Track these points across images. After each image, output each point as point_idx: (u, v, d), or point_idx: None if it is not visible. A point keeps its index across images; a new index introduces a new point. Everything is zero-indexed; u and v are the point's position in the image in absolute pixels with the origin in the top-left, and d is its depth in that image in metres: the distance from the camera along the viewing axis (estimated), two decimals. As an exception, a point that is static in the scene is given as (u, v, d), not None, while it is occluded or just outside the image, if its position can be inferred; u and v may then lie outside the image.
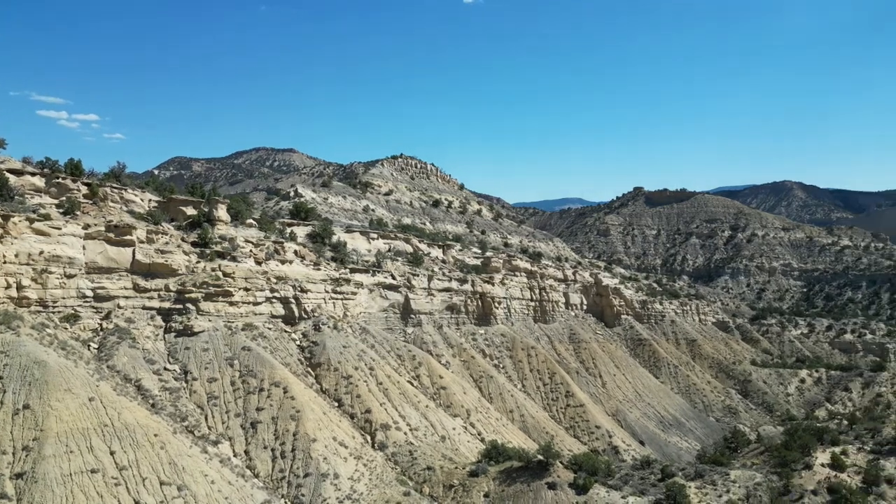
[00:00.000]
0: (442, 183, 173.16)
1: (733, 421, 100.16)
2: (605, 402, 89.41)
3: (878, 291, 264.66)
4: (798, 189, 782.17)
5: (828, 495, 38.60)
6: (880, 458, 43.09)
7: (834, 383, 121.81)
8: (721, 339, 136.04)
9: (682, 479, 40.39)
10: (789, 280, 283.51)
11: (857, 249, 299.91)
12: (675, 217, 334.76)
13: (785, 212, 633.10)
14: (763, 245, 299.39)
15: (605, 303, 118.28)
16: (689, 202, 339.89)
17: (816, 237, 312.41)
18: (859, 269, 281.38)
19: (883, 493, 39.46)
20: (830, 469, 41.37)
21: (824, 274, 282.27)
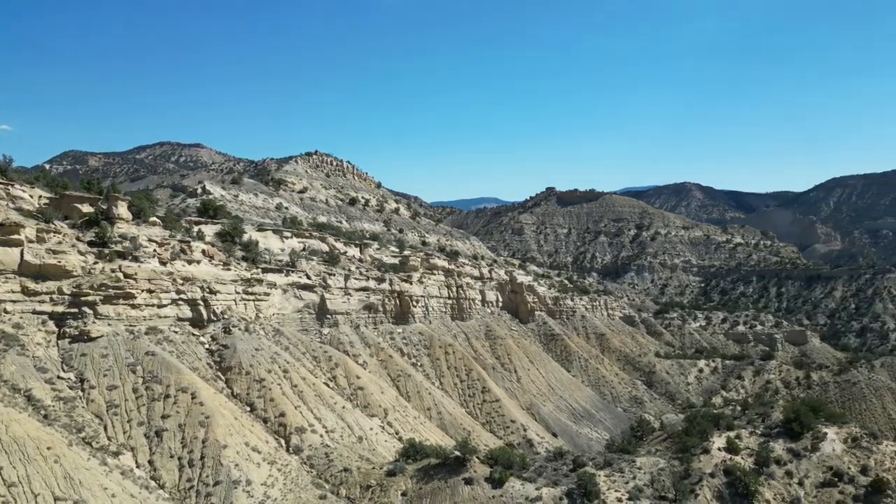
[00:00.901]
0: (358, 181, 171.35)
1: (639, 410, 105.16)
2: (520, 397, 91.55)
3: (766, 286, 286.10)
4: (697, 190, 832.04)
5: (724, 477, 41.23)
6: (770, 440, 46.49)
7: (728, 372, 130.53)
8: (628, 333, 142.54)
9: (592, 469, 41.92)
10: (689, 276, 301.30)
11: (749, 247, 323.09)
12: (585, 216, 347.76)
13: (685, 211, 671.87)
14: (666, 243, 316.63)
15: (519, 300, 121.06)
16: (598, 202, 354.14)
17: (713, 235, 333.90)
18: (750, 265, 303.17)
19: (773, 473, 42.62)
20: (726, 452, 44.19)
21: (720, 270, 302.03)
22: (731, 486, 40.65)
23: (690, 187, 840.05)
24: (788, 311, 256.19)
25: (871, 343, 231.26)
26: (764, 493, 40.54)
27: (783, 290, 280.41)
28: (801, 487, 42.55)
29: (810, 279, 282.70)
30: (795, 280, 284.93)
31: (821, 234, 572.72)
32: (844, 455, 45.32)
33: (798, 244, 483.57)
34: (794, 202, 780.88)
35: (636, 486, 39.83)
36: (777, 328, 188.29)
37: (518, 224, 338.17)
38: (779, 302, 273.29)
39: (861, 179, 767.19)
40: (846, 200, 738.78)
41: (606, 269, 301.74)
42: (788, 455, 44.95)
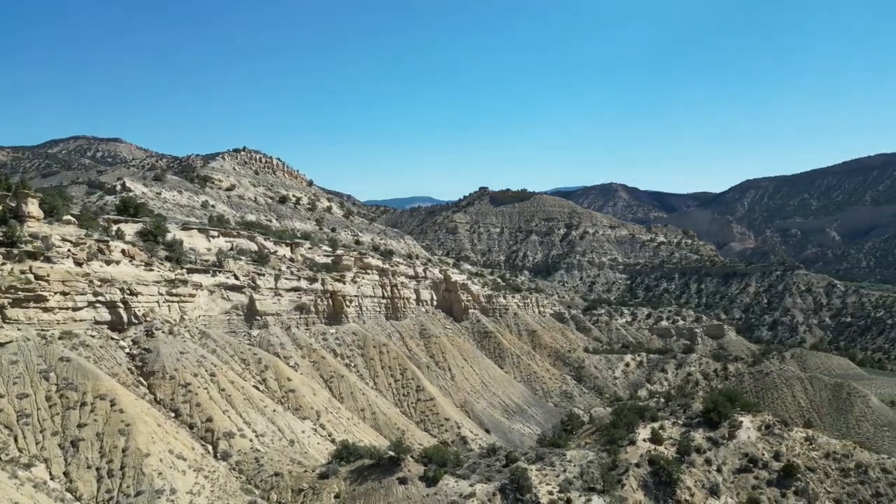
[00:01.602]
0: (289, 178, 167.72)
1: (569, 405, 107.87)
2: (455, 394, 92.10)
3: (687, 282, 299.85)
4: (623, 191, 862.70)
5: (649, 466, 42.86)
6: (691, 429, 48.68)
7: (653, 365, 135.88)
8: (558, 330, 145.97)
9: (524, 463, 42.65)
10: (616, 273, 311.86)
11: (671, 245, 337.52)
12: (517, 216, 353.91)
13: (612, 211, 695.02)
14: (594, 242, 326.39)
15: (453, 298, 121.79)
16: (530, 202, 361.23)
17: (638, 235, 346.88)
18: (672, 262, 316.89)
19: (693, 461, 44.64)
20: (651, 443, 45.96)
21: (644, 268, 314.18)
22: (655, 475, 42.31)
23: (617, 188, 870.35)
24: (707, 307, 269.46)
25: (781, 335, 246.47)
26: (685, 481, 42.41)
27: (703, 287, 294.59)
28: (720, 474, 44.80)
29: (727, 276, 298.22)
30: (714, 277, 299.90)
31: (736, 233, 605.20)
32: (759, 442, 48.02)
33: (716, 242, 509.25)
34: (713, 203, 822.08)
35: (566, 478, 40.82)
36: (697, 323, 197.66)
37: (452, 223, 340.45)
38: (699, 298, 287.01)
39: (772, 181, 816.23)
40: (759, 201, 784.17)
41: (538, 268, 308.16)
42: (708, 443, 47.22)
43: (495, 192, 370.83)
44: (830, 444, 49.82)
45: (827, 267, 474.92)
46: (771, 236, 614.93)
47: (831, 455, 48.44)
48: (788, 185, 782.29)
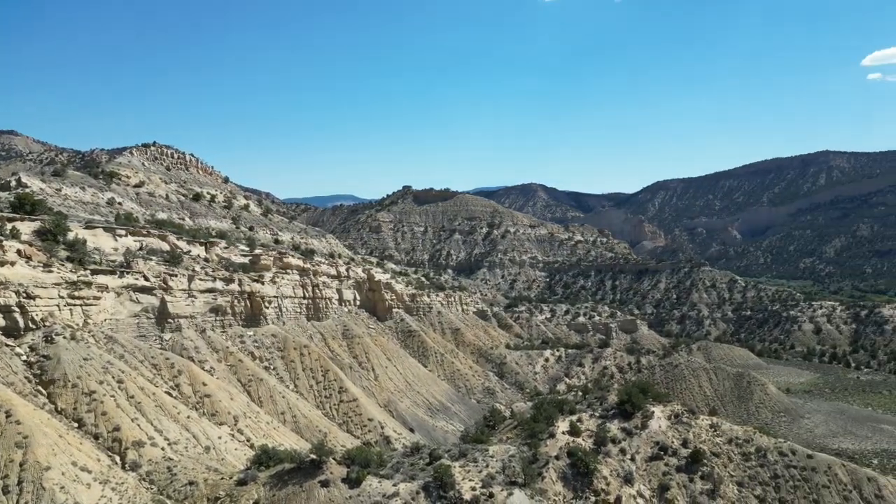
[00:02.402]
0: (203, 175, 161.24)
1: (492, 401, 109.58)
2: (378, 395, 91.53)
3: (603, 279, 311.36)
4: (542, 191, 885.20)
5: (567, 458, 44.14)
6: (607, 421, 50.53)
7: (571, 360, 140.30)
8: (481, 327, 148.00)
9: (448, 461, 42.89)
10: (536, 271, 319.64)
11: (588, 244, 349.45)
12: (441, 215, 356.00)
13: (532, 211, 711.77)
14: (515, 241, 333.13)
15: (377, 297, 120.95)
16: (453, 201, 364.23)
17: (556, 234, 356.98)
18: (589, 260, 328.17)
19: (609, 451, 46.36)
20: (570, 435, 47.35)
21: (563, 265, 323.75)
22: (573, 466, 43.62)
23: (536, 188, 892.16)
24: (622, 303, 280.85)
25: (689, 329, 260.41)
26: (602, 471, 43.98)
27: (617, 283, 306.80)
28: (633, 462, 46.76)
29: (640, 273, 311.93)
30: (627, 274, 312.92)
31: (648, 232, 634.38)
32: (669, 430, 50.48)
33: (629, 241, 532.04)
34: (626, 203, 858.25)
35: (489, 473, 41.38)
36: (612, 318, 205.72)
37: (376, 222, 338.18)
38: (613, 294, 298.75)
39: (680, 183, 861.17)
40: (669, 202, 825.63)
41: (461, 266, 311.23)
42: (622, 434, 49.17)
43: (419, 191, 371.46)
44: (733, 431, 53.06)
45: (729, 264, 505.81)
46: (679, 235, 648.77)
47: (734, 440, 51.59)
48: (695, 187, 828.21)
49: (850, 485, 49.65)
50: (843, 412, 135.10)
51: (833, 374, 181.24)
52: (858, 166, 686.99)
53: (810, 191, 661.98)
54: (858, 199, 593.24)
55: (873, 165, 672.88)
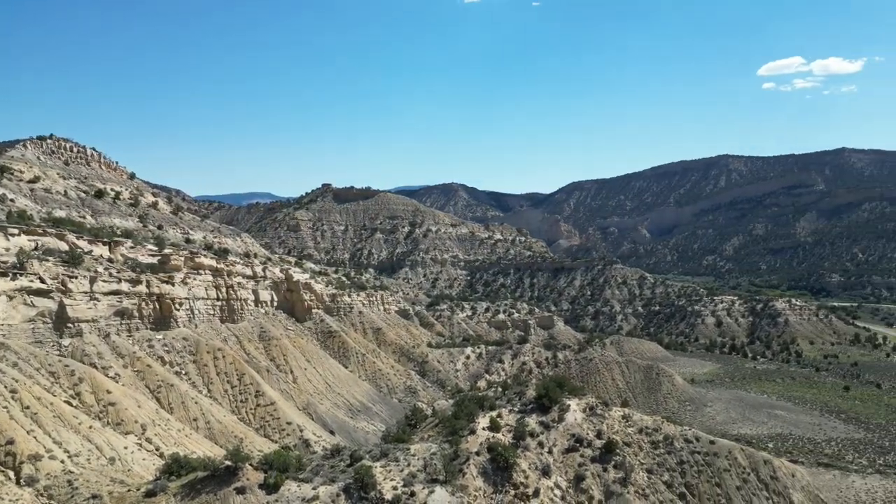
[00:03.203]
0: (107, 171, 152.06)
1: (413, 400, 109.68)
2: (297, 397, 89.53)
3: (522, 277, 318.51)
4: (462, 191, 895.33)
5: (488, 454, 44.76)
6: (525, 415, 51.63)
7: (491, 357, 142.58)
8: (403, 326, 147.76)
9: (369, 461, 42.50)
10: (457, 270, 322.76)
11: (507, 243, 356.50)
12: (362, 213, 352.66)
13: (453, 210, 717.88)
14: (436, 240, 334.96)
15: (296, 298, 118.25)
16: (374, 200, 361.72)
17: (477, 233, 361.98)
18: (508, 259, 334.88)
19: (528, 445, 47.38)
20: (490, 431, 48.04)
21: (483, 264, 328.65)
22: (493, 461, 44.29)
23: (457, 188, 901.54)
24: (539, 300, 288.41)
25: (603, 324, 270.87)
26: (521, 464, 44.91)
27: (535, 281, 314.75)
28: (551, 455, 48.04)
29: (556, 271, 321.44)
30: (545, 272, 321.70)
31: (564, 231, 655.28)
32: (584, 423, 52.22)
33: (546, 240, 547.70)
34: (543, 203, 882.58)
35: (410, 472, 41.34)
36: (531, 315, 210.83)
37: (294, 221, 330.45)
38: (532, 291, 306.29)
39: (594, 184, 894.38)
40: (583, 202, 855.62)
41: (383, 265, 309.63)
42: (540, 427, 50.40)
43: (339, 190, 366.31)
44: (643, 421, 55.56)
45: (639, 261, 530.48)
46: (593, 234, 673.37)
47: (644, 430, 54.04)
48: (608, 188, 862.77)
49: (749, 468, 53.14)
50: (742, 400, 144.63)
51: (732, 364, 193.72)
52: (754, 169, 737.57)
53: (712, 192, 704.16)
54: (754, 201, 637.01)
55: (767, 169, 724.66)
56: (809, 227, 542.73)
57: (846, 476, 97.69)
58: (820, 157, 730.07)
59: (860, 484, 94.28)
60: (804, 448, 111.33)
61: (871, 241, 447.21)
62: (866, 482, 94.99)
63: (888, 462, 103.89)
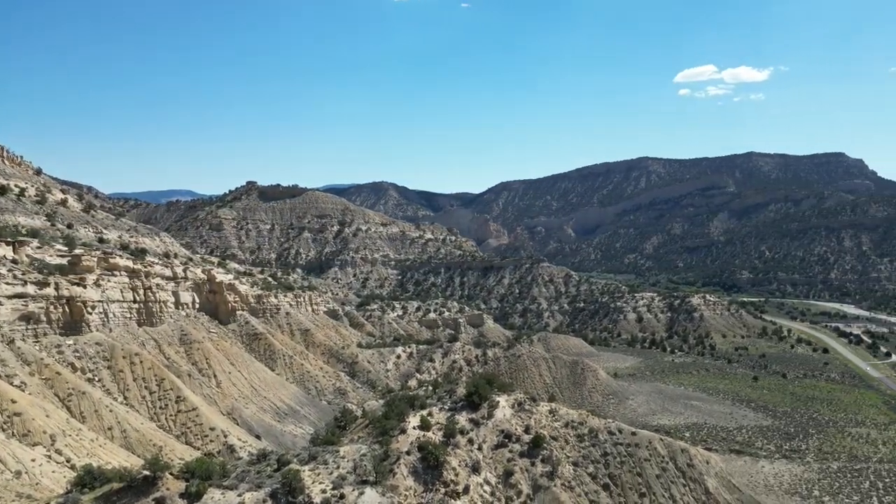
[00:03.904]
0: (10, 166, 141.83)
1: (343, 401, 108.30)
2: (221, 402, 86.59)
3: (452, 276, 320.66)
4: (393, 190, 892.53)
5: (418, 453, 44.73)
6: (455, 413, 51.96)
7: (422, 356, 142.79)
8: (332, 327, 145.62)
9: (297, 465, 41.59)
10: (388, 269, 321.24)
11: (438, 242, 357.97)
12: (289, 212, 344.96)
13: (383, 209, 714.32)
14: (366, 239, 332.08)
15: (219, 300, 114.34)
16: (302, 198, 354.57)
17: (408, 232, 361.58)
18: (439, 258, 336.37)
19: (458, 443, 47.69)
20: (420, 430, 48.03)
21: (414, 263, 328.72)
22: (424, 460, 44.30)
23: (387, 187, 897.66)
24: (469, 298, 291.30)
25: (530, 321, 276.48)
26: (451, 462, 45.15)
27: (465, 280, 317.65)
28: (481, 451, 48.56)
29: (486, 269, 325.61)
30: (475, 270, 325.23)
31: (493, 231, 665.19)
32: (513, 418, 53.09)
33: (476, 239, 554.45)
34: (473, 202, 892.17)
35: (340, 474, 40.75)
36: (461, 313, 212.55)
37: (217, 219, 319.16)
38: (462, 290, 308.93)
39: (522, 184, 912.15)
40: (511, 202, 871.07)
41: (311, 265, 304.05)
42: (470, 424, 50.86)
43: (265, 187, 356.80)
44: (569, 415, 57.09)
45: (565, 260, 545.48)
46: (521, 233, 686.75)
47: (570, 424, 55.53)
48: (535, 188, 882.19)
49: (667, 457, 55.57)
50: (661, 392, 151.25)
51: (653, 358, 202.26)
52: (672, 171, 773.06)
53: (633, 193, 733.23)
54: (672, 201, 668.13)
55: (684, 171, 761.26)
56: (722, 227, 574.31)
57: (756, 461, 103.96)
58: (731, 161, 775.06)
59: (768, 468, 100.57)
60: (718, 436, 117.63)
61: (777, 240, 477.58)
62: (774, 466, 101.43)
63: (793, 447, 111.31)
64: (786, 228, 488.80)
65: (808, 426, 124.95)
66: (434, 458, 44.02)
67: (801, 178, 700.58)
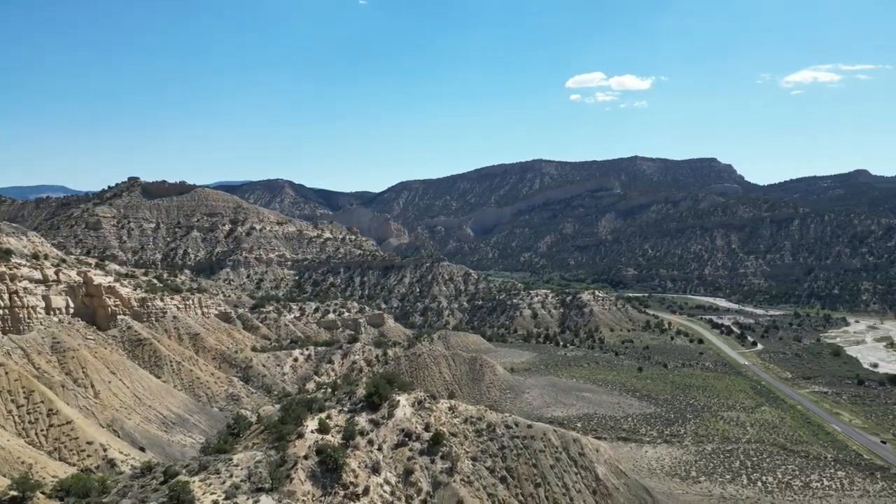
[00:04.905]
0: None
1: (237, 407, 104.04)
2: (100, 414, 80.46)
3: (352, 276, 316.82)
4: (289, 188, 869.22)
5: (317, 456, 43.80)
6: (355, 414, 51.37)
7: (321, 358, 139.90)
8: (224, 330, 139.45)
9: (186, 476, 39.46)
10: (284, 270, 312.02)
11: (337, 241, 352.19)
12: (176, 210, 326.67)
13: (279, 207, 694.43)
14: (261, 238, 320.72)
15: (97, 304, 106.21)
16: (190, 195, 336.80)
17: (305, 231, 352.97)
18: (338, 257, 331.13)
19: (357, 444, 47.17)
20: (319, 433, 47.05)
21: (312, 263, 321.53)
22: (322, 463, 43.45)
23: (283, 184, 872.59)
24: (370, 298, 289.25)
25: (431, 320, 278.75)
26: (350, 464, 44.57)
27: (365, 279, 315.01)
28: (381, 451, 48.30)
29: (386, 269, 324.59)
30: (375, 270, 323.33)
31: (393, 230, 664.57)
32: (413, 417, 53.22)
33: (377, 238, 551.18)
34: (373, 201, 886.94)
35: (233, 483, 39.10)
36: (361, 314, 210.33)
37: (94, 217, 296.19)
38: (362, 290, 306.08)
39: (422, 184, 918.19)
40: (412, 201, 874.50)
41: (201, 266, 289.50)
42: (370, 425, 50.47)
43: (149, 184, 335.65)
44: (468, 411, 58.06)
45: (464, 258, 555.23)
46: (422, 232, 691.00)
47: (469, 420, 56.49)
48: (435, 188, 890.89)
49: (560, 447, 57.87)
50: (555, 385, 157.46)
51: (547, 352, 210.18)
52: (564, 173, 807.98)
53: (528, 194, 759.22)
54: (564, 202, 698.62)
55: (574, 173, 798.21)
56: (609, 227, 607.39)
57: (641, 447, 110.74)
58: (617, 164, 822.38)
59: (652, 453, 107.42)
60: (607, 425, 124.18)
61: (658, 239, 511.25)
62: (656, 451, 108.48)
63: (673, 432, 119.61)
64: (666, 228, 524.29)
65: (686, 412, 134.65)
66: (333, 461, 43.31)
67: (680, 182, 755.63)
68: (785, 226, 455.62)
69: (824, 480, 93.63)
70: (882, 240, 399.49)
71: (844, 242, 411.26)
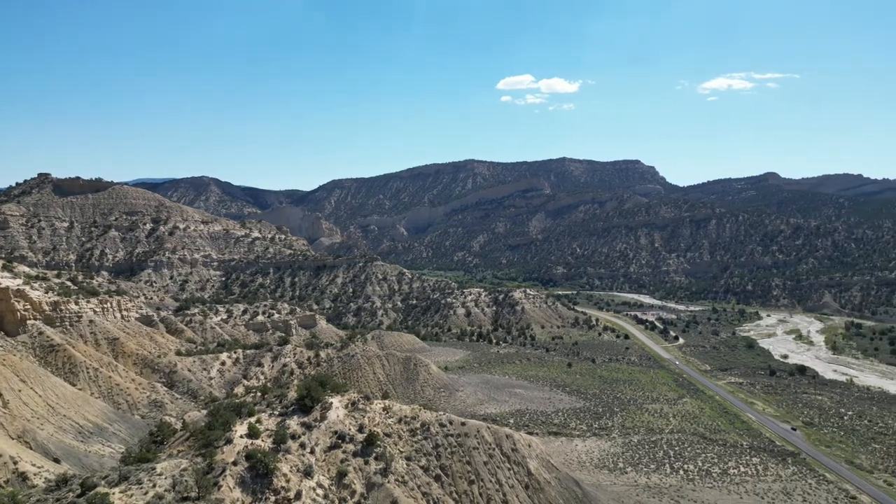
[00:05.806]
0: None
1: (160, 414, 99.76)
2: (9, 424, 75.20)
3: (282, 276, 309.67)
4: (215, 185, 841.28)
5: (246, 462, 42.53)
6: (286, 418, 50.23)
7: (250, 361, 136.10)
8: (146, 334, 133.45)
9: (105, 488, 37.48)
10: (210, 270, 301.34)
11: (266, 241, 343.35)
12: (92, 208, 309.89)
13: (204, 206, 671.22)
14: (185, 238, 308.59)
15: (5, 308, 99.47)
16: (107, 193, 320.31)
17: (232, 230, 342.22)
18: (268, 257, 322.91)
19: (289, 448, 46.14)
20: (248, 438, 45.72)
21: (240, 263, 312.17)
22: (252, 469, 42.23)
23: (209, 182, 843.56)
24: (301, 298, 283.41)
25: (364, 320, 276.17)
26: (282, 468, 43.53)
27: (296, 280, 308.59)
28: (313, 455, 47.42)
29: (318, 269, 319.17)
30: (306, 270, 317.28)
31: (325, 229, 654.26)
32: (346, 419, 52.55)
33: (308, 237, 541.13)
34: (304, 200, 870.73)
35: (157, 493, 37.44)
36: (292, 315, 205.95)
37: (1, 216, 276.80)
38: (293, 290, 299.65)
39: (354, 182, 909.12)
40: (344, 200, 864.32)
41: (120, 267, 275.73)
42: (302, 428, 49.48)
43: (62, 181, 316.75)
44: (402, 410, 57.88)
45: (398, 258, 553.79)
46: (355, 232, 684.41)
47: (403, 419, 56.31)
48: (367, 187, 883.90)
49: (494, 443, 58.60)
50: (488, 382, 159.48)
51: (480, 350, 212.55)
52: (496, 174, 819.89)
53: (461, 193, 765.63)
54: (496, 202, 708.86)
55: (506, 174, 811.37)
56: (539, 226, 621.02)
57: (571, 440, 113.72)
58: (546, 165, 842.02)
59: (581, 446, 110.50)
60: (538, 420, 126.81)
61: (586, 238, 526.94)
62: (586, 444, 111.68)
63: (601, 425, 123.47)
64: (593, 227, 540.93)
65: (613, 405, 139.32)
66: (264, 467, 42.22)
67: (606, 182, 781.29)
68: (703, 225, 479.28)
69: (741, 467, 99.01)
70: (790, 238, 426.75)
71: (757, 241, 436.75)
